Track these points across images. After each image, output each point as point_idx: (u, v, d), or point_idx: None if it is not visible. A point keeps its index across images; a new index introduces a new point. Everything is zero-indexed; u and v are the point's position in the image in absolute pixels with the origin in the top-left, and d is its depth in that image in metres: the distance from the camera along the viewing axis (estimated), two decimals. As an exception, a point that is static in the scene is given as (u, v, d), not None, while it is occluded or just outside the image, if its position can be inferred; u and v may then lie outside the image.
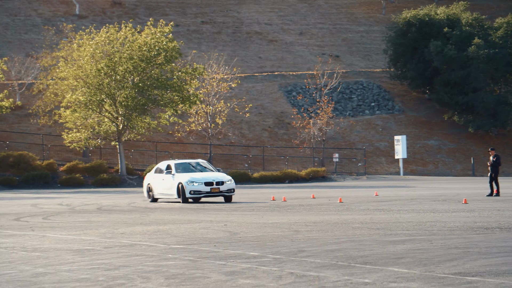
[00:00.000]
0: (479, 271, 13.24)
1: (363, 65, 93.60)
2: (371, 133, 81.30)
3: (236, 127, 78.23)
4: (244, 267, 14.17)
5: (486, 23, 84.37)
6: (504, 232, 19.48)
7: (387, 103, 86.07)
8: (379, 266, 13.96)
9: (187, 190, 33.84)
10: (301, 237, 19.33)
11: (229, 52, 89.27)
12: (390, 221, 23.46)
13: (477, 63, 79.42)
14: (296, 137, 75.45)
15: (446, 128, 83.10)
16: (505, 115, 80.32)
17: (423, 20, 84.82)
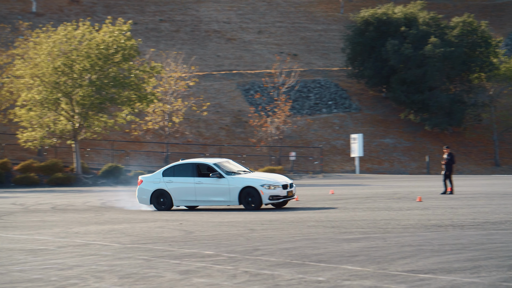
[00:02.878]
0: (432, 268, 13.34)
1: (321, 63, 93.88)
2: (328, 132, 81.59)
3: (194, 126, 78.05)
4: (199, 266, 14.15)
5: (442, 22, 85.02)
6: (457, 229, 19.66)
7: (344, 102, 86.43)
8: (333, 264, 14.02)
9: (265, 196, 28.88)
10: (257, 235, 19.34)
11: (187, 50, 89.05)
12: (345, 219, 23.56)
13: (433, 62, 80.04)
14: (253, 135, 75.46)
15: (402, 126, 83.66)
16: (460, 113, 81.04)
17: (381, 19, 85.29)
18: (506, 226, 20.18)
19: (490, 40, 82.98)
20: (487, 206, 27.40)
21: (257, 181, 29.15)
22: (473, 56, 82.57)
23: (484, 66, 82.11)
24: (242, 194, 29.10)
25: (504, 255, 14.72)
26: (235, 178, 29.46)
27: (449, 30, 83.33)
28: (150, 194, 30.21)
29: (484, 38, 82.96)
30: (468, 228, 19.83)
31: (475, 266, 13.51)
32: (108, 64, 60.36)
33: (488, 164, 78.05)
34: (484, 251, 15.34)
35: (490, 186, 44.01)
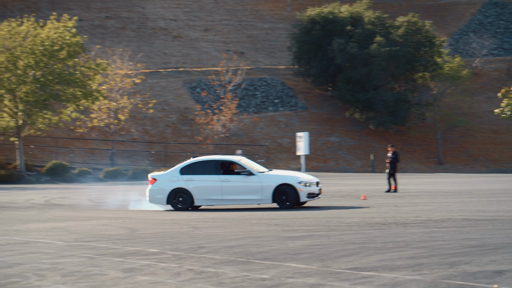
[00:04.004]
0: (375, 266, 13.44)
1: (268, 62, 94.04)
2: (274, 130, 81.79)
3: (139, 123, 77.67)
4: (143, 264, 14.08)
5: (387, 22, 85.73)
6: (400, 227, 19.83)
7: (291, 100, 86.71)
8: (277, 262, 14.05)
9: (303, 193, 27.49)
10: (200, 233, 19.32)
11: (133, 47, 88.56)
12: (288, 217, 23.64)
13: (378, 61, 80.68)
14: (199, 133, 75.34)
15: (348, 125, 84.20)
16: (404, 112, 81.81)
17: (327, 18, 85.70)
18: (448, 224, 20.42)
19: (434, 40, 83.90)
20: (430, 204, 27.69)
21: (293, 178, 27.96)
22: (417, 55, 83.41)
23: (428, 66, 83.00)
24: (276, 192, 27.75)
25: (445, 252, 14.89)
26: (266, 175, 28.13)
27: (394, 30, 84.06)
28: (167, 194, 28.28)
29: (429, 38, 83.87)
30: (411, 226, 20.01)
31: (417, 263, 13.64)
32: (53, 61, 59.80)
33: (431, 163, 78.94)
34: (426, 248, 15.49)
35: (433, 185, 44.52)
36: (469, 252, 14.85)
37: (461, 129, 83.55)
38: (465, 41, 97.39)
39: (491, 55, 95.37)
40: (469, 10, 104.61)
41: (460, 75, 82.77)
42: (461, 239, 16.91)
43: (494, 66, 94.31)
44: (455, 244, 16.12)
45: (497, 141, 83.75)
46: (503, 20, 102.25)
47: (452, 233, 18.19)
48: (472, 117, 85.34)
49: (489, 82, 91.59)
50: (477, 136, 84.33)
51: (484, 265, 13.34)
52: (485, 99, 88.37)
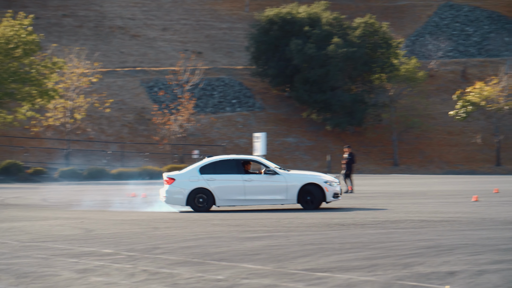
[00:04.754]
0: (331, 266, 13.47)
1: (226, 62, 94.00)
2: (231, 130, 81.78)
3: (96, 123, 77.19)
4: (97, 265, 13.96)
5: (345, 23, 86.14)
6: (358, 228, 19.91)
7: (248, 100, 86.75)
8: (234, 263, 14.02)
9: (329, 193, 26.77)
10: (159, 233, 19.22)
11: (90, 46, 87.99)
12: (249, 218, 23.62)
13: (335, 62, 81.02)
14: (156, 133, 75.08)
15: (305, 125, 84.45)
16: (361, 113, 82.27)
17: (285, 19, 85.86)
18: (405, 225, 20.54)
19: (391, 42, 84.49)
20: (386, 205, 27.83)
21: (318, 177, 27.11)
22: (374, 57, 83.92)
23: (385, 67, 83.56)
24: (301, 192, 26.79)
25: (401, 253, 14.97)
26: (291, 174, 27.14)
27: (352, 31, 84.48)
28: (187, 194, 26.81)
29: (385, 39, 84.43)
30: (368, 227, 20.10)
31: (373, 264, 13.69)
32: (8, 59, 59.22)
33: (387, 164, 79.47)
34: (382, 249, 15.56)
35: (389, 186, 44.80)
36: (424, 253, 14.94)
37: (416, 131, 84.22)
38: (421, 43, 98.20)
39: (446, 57, 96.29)
40: (425, 12, 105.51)
41: (416, 76, 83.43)
42: (417, 240, 17.01)
43: (450, 68, 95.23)
44: (411, 245, 16.21)
45: (452, 142, 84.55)
46: (459, 23, 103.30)
47: (408, 234, 18.29)
48: (428, 118, 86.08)
49: (445, 84, 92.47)
50: (432, 137, 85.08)
51: (438, 266, 13.43)
52: (440, 101, 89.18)
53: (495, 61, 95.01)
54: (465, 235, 18.13)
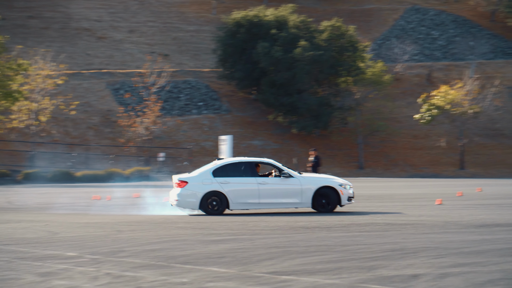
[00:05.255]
0: (295, 269, 13.48)
1: (192, 64, 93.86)
2: (197, 133, 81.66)
3: (61, 125, 76.71)
4: (61, 268, 13.86)
5: (312, 26, 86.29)
6: (323, 231, 19.94)
7: (215, 103, 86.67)
8: (199, 266, 13.98)
9: (344, 196, 26.42)
10: (123, 236, 19.12)
11: (56, 48, 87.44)
12: (215, 220, 23.58)
13: (302, 65, 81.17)
14: (122, 135, 74.75)
15: (271, 128, 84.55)
16: (327, 116, 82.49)
17: (252, 21, 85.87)
18: (370, 228, 20.62)
19: (357, 45, 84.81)
20: (352, 208, 27.90)
21: (333, 180, 26.74)
22: (341, 60, 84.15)
23: (351, 70, 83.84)
24: (315, 195, 26.34)
25: (366, 256, 15.02)
26: (306, 177, 26.66)
27: (318, 34, 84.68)
28: (200, 197, 26.07)
29: (352, 42, 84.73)
30: (334, 230, 20.15)
31: (338, 267, 13.72)
32: (-27, 60, 58.68)
33: (352, 167, 79.75)
34: (347, 252, 15.60)
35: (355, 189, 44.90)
36: (388, 256, 15.00)
37: (382, 134, 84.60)
38: (388, 47, 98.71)
39: (412, 60, 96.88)
40: (392, 15, 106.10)
41: (382, 80, 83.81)
42: (382, 243, 17.07)
43: (415, 71, 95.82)
44: (376, 248, 16.26)
45: (417, 146, 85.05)
46: (425, 26, 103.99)
47: (374, 237, 18.36)
48: (393, 122, 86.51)
49: (410, 87, 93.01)
50: (397, 141, 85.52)
51: (402, 269, 13.49)
52: (405, 104, 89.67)
53: (460, 65, 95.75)
54: (429, 238, 18.23)
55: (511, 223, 21.85)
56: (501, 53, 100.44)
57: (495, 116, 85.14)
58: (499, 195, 38.63)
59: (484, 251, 15.77)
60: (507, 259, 14.67)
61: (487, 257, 14.90)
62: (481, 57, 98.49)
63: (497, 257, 14.92)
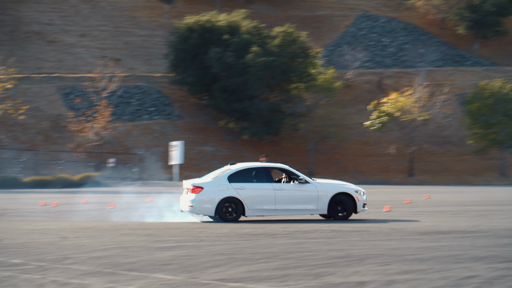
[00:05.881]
0: (242, 277, 13.51)
1: (144, 69, 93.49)
2: (148, 138, 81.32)
3: (9, 130, 75.89)
4: (5, 276, 13.74)
5: (264, 32, 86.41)
6: (269, 238, 20.00)
7: (166, 109, 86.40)
8: (144, 273, 13.96)
9: (360, 203, 26.06)
10: (69, 243, 18.99)
11: (6, 51, 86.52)
12: (160, 227, 23.51)
13: (254, 70, 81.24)
14: (72, 141, 74.18)
15: (222, 134, 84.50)
16: (278, 122, 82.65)
17: (205, 27, 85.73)
18: (316, 235, 20.72)
19: (309, 51, 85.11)
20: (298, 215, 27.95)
21: (349, 187, 26.37)
22: (292, 66, 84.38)
23: (303, 77, 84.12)
24: (332, 201, 25.93)
25: (312, 263, 15.10)
26: (321, 184, 26.31)
27: (271, 40, 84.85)
28: (216, 203, 25.45)
29: (304, 49, 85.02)
30: (280, 237, 20.21)
31: (284, 274, 13.78)
32: None
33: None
34: (293, 259, 15.67)
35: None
36: (334, 263, 15.10)
37: (332, 141, 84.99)
38: (339, 53, 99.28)
39: (363, 67, 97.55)
40: (343, 22, 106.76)
41: (333, 86, 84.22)
42: (328, 250, 17.18)
43: (366, 78, 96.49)
44: (322, 255, 16.35)
45: (367, 153, 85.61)
46: (375, 33, 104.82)
47: (319, 244, 18.46)
48: (344, 128, 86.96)
49: (361, 94, 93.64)
50: (347, 147, 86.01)
51: (348, 276, 13.59)
52: (356, 111, 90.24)
53: (410, 72, 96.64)
54: (374, 245, 18.39)
55: (454, 231, 22.13)
56: (450, 61, 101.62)
57: (444, 124, 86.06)
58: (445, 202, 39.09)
59: (428, 258, 15.96)
60: (450, 266, 14.87)
61: (431, 264, 15.09)
62: (431, 64, 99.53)
63: (440, 264, 15.12)
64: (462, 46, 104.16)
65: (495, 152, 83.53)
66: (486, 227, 23.20)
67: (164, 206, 32.58)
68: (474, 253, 16.82)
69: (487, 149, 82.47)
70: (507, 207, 34.47)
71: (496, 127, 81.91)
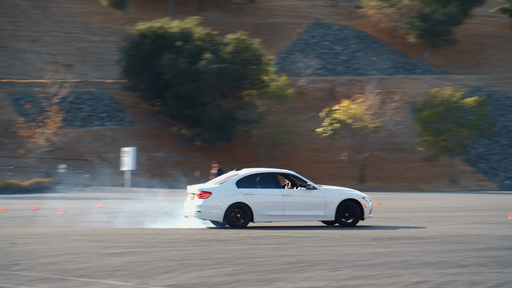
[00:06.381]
0: (193, 283, 13.47)
1: (96, 75, 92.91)
2: (100, 144, 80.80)
3: (-41, 135, 74.89)
4: (-49, 282, 13.54)
5: (217, 39, 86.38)
6: (220, 244, 19.97)
7: (118, 115, 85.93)
8: (95, 279, 13.85)
9: (367, 210, 26.01)
10: (17, 250, 18.77)
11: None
12: (111, 233, 23.36)
13: (207, 77, 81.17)
14: (22, 146, 73.40)
15: (175, 140, 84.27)
16: (230, 129, 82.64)
17: (157, 33, 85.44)
18: (267, 241, 20.74)
19: (261, 58, 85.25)
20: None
21: (356, 193, 26.34)
22: (245, 73, 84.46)
23: (256, 84, 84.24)
24: (339, 208, 25.78)
25: (263, 269, 15.10)
26: (329, 190, 26.20)
27: (223, 47, 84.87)
28: (225, 209, 25.15)
29: (256, 56, 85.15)
30: (231, 243, 20.20)
31: (235, 280, 13.76)
32: None
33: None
34: (244, 265, 15.66)
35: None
36: (286, 269, 15.11)
37: (285, 147, 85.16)
38: (291, 60, 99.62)
39: (315, 74, 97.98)
40: (296, 30, 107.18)
41: (286, 93, 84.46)
42: (279, 256, 17.19)
43: (318, 85, 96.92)
44: (273, 261, 16.36)
45: (319, 159, 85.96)
46: (328, 41, 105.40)
47: (271, 250, 18.47)
48: (296, 135, 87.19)
49: (313, 101, 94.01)
50: (300, 154, 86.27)
51: (299, 282, 13.61)
52: (308, 118, 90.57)
53: (362, 80, 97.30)
54: (325, 251, 18.45)
55: (405, 237, 22.30)
56: (401, 69, 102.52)
57: (395, 131, 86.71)
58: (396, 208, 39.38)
59: (379, 264, 16.05)
60: (400, 272, 14.96)
61: (381, 270, 15.17)
62: (382, 72, 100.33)
63: (391, 269, 15.21)
64: (413, 55, 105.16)
65: (445, 159, 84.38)
66: (435, 233, 23.41)
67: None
68: (423, 258, 16.95)
69: (437, 156, 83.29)
70: (456, 213, 34.84)
71: (446, 134, 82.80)
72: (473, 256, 17.61)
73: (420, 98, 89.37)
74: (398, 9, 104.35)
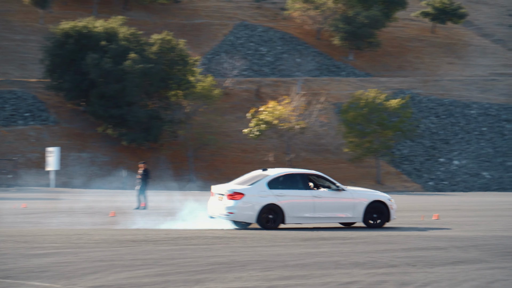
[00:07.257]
0: (121, 283, 13.30)
1: (18, 74, 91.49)
2: (23, 144, 79.60)
3: None
4: None
5: (142, 39, 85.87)
6: (150, 244, 19.79)
7: (42, 114, 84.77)
8: (21, 280, 13.58)
9: (393, 211, 26.05)
10: None
11: None
12: (37, 234, 22.95)
13: (132, 77, 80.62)
14: None
15: (100, 140, 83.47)
16: (157, 129, 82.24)
17: (82, 32, 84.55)
18: (198, 242, 20.63)
19: (187, 59, 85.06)
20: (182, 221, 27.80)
21: (383, 195, 26.35)
22: (171, 73, 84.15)
23: (182, 84, 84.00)
24: (367, 209, 25.69)
25: (193, 270, 14.99)
26: (357, 191, 26.18)
27: (149, 47, 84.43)
28: (258, 210, 24.76)
29: (182, 56, 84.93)
30: (161, 243, 20.03)
31: (165, 281, 13.64)
32: None
33: (184, 180, 79.85)
34: (174, 266, 15.53)
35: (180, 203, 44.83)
36: (216, 269, 15.03)
37: (212, 148, 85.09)
38: (217, 61, 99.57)
39: (241, 75, 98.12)
40: (221, 31, 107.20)
41: (212, 94, 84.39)
42: (210, 256, 17.10)
43: (244, 86, 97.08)
44: (203, 261, 16.26)
45: (246, 160, 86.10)
46: (253, 42, 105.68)
47: (201, 251, 18.36)
48: (223, 136, 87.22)
49: (239, 102, 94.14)
50: (227, 154, 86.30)
51: (229, 282, 13.54)
52: (235, 119, 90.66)
53: (287, 81, 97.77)
54: (256, 251, 18.41)
55: (335, 237, 22.41)
56: (326, 71, 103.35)
57: (321, 132, 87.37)
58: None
59: (309, 264, 16.06)
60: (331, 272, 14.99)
61: (312, 270, 15.18)
62: (307, 74, 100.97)
63: (321, 270, 15.23)
64: (338, 57, 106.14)
65: (370, 160, 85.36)
66: (365, 234, 23.58)
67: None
68: (354, 258, 17.03)
69: (362, 157, 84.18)
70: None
71: (370, 136, 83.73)
72: (401, 256, 17.77)
73: (345, 100, 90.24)
74: (322, 11, 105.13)
